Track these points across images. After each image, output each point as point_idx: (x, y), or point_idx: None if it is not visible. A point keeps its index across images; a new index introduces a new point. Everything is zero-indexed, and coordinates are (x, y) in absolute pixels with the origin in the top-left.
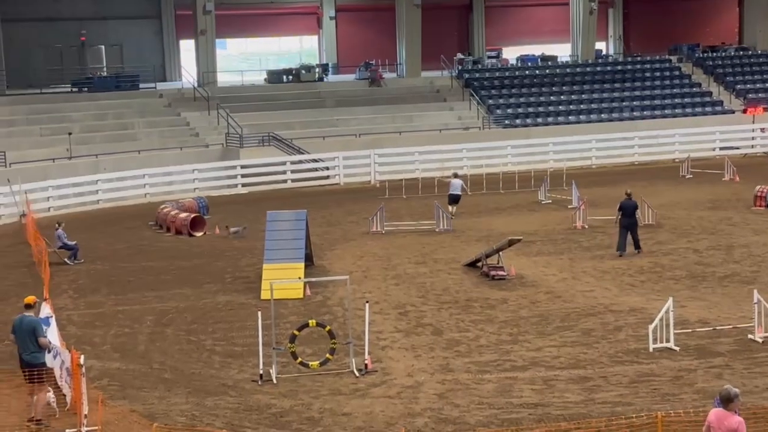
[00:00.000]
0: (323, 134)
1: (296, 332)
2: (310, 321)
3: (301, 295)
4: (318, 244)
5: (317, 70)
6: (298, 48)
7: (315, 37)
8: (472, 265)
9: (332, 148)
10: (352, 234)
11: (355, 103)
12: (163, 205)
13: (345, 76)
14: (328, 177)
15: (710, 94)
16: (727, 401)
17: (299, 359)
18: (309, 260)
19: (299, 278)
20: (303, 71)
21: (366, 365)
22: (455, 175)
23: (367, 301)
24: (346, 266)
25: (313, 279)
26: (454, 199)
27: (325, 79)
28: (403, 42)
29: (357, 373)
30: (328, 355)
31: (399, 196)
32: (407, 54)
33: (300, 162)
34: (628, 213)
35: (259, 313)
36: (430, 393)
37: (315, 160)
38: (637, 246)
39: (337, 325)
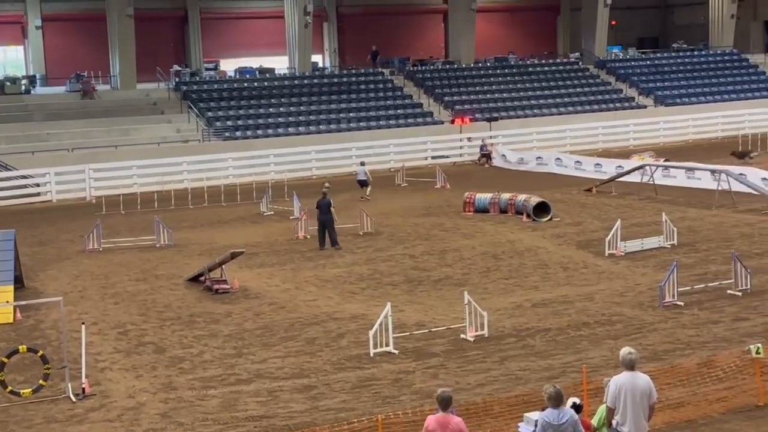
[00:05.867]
0: (32, 149)
1: (5, 359)
2: (20, 347)
3: (11, 320)
4: (29, 265)
5: (23, 81)
6: (1, 59)
7: (20, 48)
8: (195, 279)
9: (43, 163)
10: (66, 253)
11: (67, 116)
12: None
13: (55, 88)
14: (38, 194)
15: (421, 105)
16: (447, 404)
17: (9, 388)
18: (19, 282)
19: (7, 302)
20: (7, 83)
21: (83, 389)
22: (361, 163)
23: (83, 322)
24: (61, 287)
25: (23, 302)
26: (361, 183)
27: (32, 92)
28: (116, 53)
29: (74, 398)
30: (41, 381)
31: (117, 212)
32: (121, 65)
33: (6, 179)
34: (323, 210)
35: None
36: (152, 413)
37: (24, 177)
38: (334, 243)
39: (52, 350)
